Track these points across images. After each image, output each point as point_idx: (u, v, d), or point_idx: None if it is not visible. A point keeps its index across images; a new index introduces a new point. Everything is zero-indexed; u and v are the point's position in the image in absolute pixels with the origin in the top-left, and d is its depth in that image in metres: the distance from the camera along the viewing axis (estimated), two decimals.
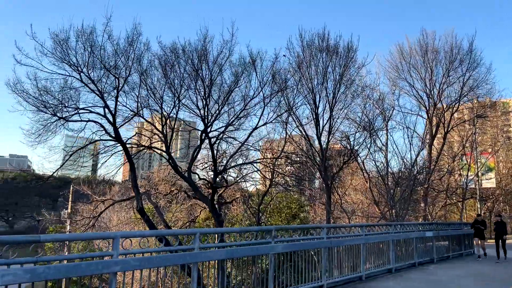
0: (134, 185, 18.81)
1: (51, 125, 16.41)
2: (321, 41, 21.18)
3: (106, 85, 17.00)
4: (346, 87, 21.35)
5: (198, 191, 20.53)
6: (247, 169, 22.54)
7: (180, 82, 18.25)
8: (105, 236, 4.83)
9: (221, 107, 19.01)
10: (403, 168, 21.24)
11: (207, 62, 17.61)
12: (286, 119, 20.17)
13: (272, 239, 7.22)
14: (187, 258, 5.46)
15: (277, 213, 26.27)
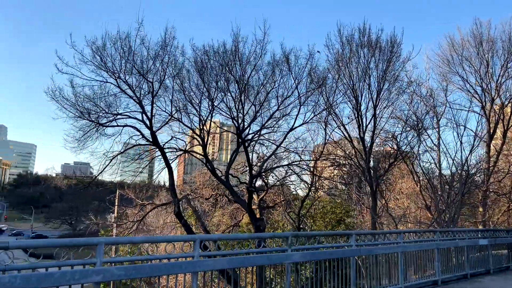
0: (172, 189, 18.84)
1: (91, 131, 16.85)
2: (361, 36, 20.07)
3: (141, 90, 17.18)
4: (390, 84, 20.02)
5: (235, 195, 20.18)
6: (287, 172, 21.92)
7: (215, 85, 18.04)
8: (88, 243, 4.45)
9: (259, 107, 18.53)
10: (455, 169, 19.45)
11: (240, 62, 17.19)
12: (325, 119, 19.25)
13: (289, 246, 6.53)
14: (183, 267, 4.96)
15: (320, 218, 25.26)
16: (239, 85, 17.75)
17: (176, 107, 18.69)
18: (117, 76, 16.78)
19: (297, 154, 18.91)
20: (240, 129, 17.72)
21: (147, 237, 7.19)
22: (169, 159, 20.49)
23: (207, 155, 19.74)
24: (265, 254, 6.07)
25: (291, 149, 19.08)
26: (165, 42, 16.85)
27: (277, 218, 27.92)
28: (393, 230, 14.05)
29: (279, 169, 21.90)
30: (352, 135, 20.78)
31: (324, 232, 11.72)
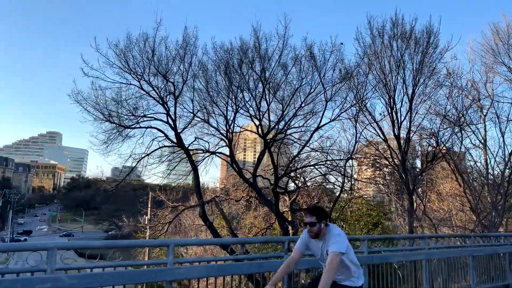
0: (197, 191, 18.59)
1: (115, 134, 16.96)
2: (394, 27, 18.81)
3: (165, 92, 17.08)
4: (426, 76, 18.60)
5: (263, 197, 19.60)
6: (314, 173, 21.06)
7: (239, 84, 17.58)
8: (38, 247, 4.06)
9: (285, 106, 17.86)
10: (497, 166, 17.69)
11: (262, 59, 16.61)
12: (356, 115, 18.19)
13: (285, 253, 5.85)
14: (157, 275, 4.45)
15: (355, 221, 24.05)
16: (263, 82, 17.19)
17: (200, 108, 18.49)
18: (140, 78, 16.80)
19: (326, 153, 17.99)
20: (263, 130, 17.12)
21: (110, 242, 6.74)
22: (196, 160, 20.42)
23: (234, 156, 19.35)
24: (255, 261, 5.44)
25: (318, 149, 18.19)
26: (186, 42, 16.64)
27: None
28: (414, 234, 12.85)
29: (315, 170, 21.08)
30: (385, 132, 19.53)
31: None
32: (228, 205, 27.76)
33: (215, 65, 17.44)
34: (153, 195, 25.65)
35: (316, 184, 22.87)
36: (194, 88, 18.20)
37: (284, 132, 18.55)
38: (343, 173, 18.94)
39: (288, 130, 18.04)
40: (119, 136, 16.50)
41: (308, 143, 17.70)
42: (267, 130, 18.41)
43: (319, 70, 16.11)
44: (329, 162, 18.17)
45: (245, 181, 19.93)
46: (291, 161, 18.76)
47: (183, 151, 18.43)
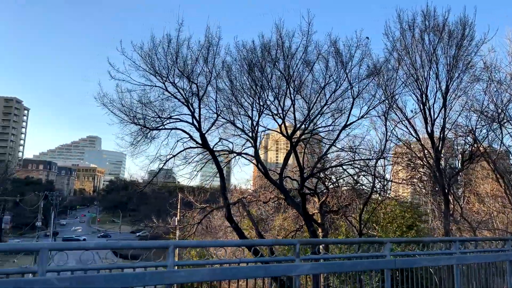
0: (223, 193, 18.47)
1: (141, 136, 17.12)
2: (425, 20, 17.94)
3: (189, 93, 17.09)
4: (461, 71, 17.59)
5: (289, 198, 19.18)
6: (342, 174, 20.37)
7: (263, 83, 17.29)
8: (30, 248, 3.94)
9: (312, 105, 17.38)
10: None
11: (284, 57, 16.23)
12: (385, 113, 17.44)
13: (296, 256, 5.48)
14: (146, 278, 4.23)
15: (387, 223, 23.10)
16: (287, 81, 16.80)
17: (225, 108, 18.37)
18: (164, 80, 16.88)
19: (354, 152, 17.34)
20: (287, 130, 16.73)
21: (102, 243, 6.59)
22: (222, 162, 20.31)
23: (259, 157, 19.07)
24: (262, 265, 5.12)
25: (347, 148, 17.57)
26: (209, 42, 16.55)
27: (342, 223, 26.26)
28: (444, 238, 12.01)
29: (345, 171, 20.42)
30: (417, 130, 18.63)
31: (347, 240, 10.27)
32: (257, 206, 27.52)
33: (239, 64, 17.23)
34: (182, 196, 25.84)
35: (347, 185, 22.18)
36: (218, 89, 18.12)
37: (310, 131, 18.10)
38: (374, 173, 18.22)
39: (314, 130, 17.53)
40: (144, 138, 16.63)
41: (335, 142, 17.12)
42: (293, 130, 18.01)
43: (344, 66, 15.53)
44: (357, 162, 17.49)
45: (271, 182, 19.60)
46: (317, 162, 18.24)
47: (208, 152, 18.36)
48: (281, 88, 16.77)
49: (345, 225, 23.83)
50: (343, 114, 16.64)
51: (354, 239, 13.11)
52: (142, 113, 16.55)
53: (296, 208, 19.09)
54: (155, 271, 4.44)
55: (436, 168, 17.70)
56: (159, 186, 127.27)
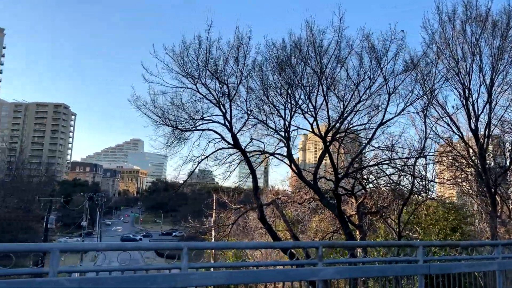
0: (255, 193, 18.32)
1: (176, 137, 17.33)
2: (466, 10, 16.93)
3: (219, 94, 17.10)
4: (507, 63, 16.44)
5: (324, 199, 18.70)
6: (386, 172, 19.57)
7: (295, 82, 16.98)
8: (42, 248, 3.93)
9: (346, 103, 16.86)
10: None
11: (316, 54, 15.84)
12: (424, 109, 16.61)
13: (319, 259, 5.20)
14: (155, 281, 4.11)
15: (429, 225, 22.03)
16: (320, 78, 16.38)
17: (257, 108, 18.23)
18: (196, 81, 16.99)
19: (390, 151, 16.63)
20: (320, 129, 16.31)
21: (100, 244, 6.48)
22: (254, 162, 20.16)
23: (292, 156, 18.75)
24: (282, 269, 4.87)
25: (383, 147, 16.86)
26: (239, 42, 16.47)
27: (381, 225, 25.36)
28: (485, 241, 11.14)
29: (385, 170, 19.69)
30: (460, 127, 17.60)
31: (376, 242, 9.70)
32: (292, 207, 27.18)
33: (269, 63, 17.02)
34: (217, 197, 25.97)
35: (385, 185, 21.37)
36: (249, 88, 18.01)
37: (344, 130, 17.56)
38: (412, 173, 17.39)
39: (349, 128, 16.99)
40: (177, 139, 16.82)
41: (371, 141, 16.49)
42: (327, 129, 17.57)
43: (379, 61, 14.91)
44: (395, 161, 16.76)
45: (305, 182, 19.24)
46: (352, 161, 17.68)
47: (240, 153, 18.29)
48: (313, 86, 16.38)
49: (383, 227, 22.99)
50: (379, 111, 15.99)
51: (383, 241, 12.52)
52: (174, 115, 16.76)
53: (331, 209, 18.61)
54: (167, 274, 4.33)
55: (481, 167, 16.65)
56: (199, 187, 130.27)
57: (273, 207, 22.94)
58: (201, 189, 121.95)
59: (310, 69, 16.60)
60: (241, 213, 22.05)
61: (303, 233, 29.64)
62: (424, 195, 20.83)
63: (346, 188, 21.52)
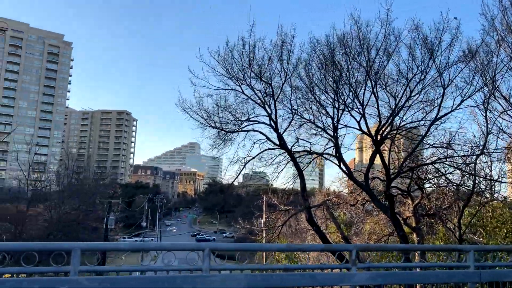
0: (303, 195, 17.94)
1: (222, 139, 17.48)
2: None
3: (264, 94, 16.98)
4: None
5: (376, 200, 17.86)
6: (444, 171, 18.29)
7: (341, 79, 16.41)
8: (63, 248, 4.00)
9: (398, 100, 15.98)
10: None
11: (363, 49, 15.17)
12: (484, 102, 15.28)
13: (352, 264, 4.83)
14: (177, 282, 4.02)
15: (495, 227, 20.25)
16: (368, 74, 15.67)
17: (304, 108, 17.89)
18: (240, 83, 17.02)
19: (446, 148, 15.47)
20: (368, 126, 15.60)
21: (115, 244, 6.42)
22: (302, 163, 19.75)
23: (342, 156, 18.14)
24: (308, 272, 4.57)
25: (439, 144, 15.72)
26: (283, 41, 16.25)
27: (440, 228, 23.79)
28: None
29: (442, 169, 18.47)
30: None
31: (418, 246, 8.86)
32: (346, 209, 26.40)
33: (315, 61, 16.60)
34: (267, 198, 25.90)
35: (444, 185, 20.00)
36: (296, 87, 17.71)
37: (396, 128, 16.66)
38: (474, 171, 16.07)
39: (401, 125, 16.09)
40: (222, 141, 16.94)
41: (424, 138, 15.47)
42: (377, 127, 16.78)
43: (431, 52, 13.93)
44: (452, 159, 15.58)
45: (356, 183, 18.56)
46: (404, 160, 16.71)
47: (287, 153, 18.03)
48: (361, 82, 15.72)
49: (443, 230, 21.52)
50: (432, 106, 14.95)
51: (428, 245, 11.55)
52: (219, 117, 16.90)
53: (383, 211, 17.74)
54: (187, 275, 4.22)
55: None
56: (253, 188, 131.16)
57: (323, 209, 22.40)
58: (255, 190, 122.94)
59: (358, 64, 15.96)
60: (290, 215, 21.74)
61: (357, 236, 28.70)
62: (488, 196, 19.22)
63: (401, 189, 20.46)
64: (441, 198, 20.66)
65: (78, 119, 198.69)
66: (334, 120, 17.24)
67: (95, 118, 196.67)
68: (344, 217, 28.78)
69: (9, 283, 3.59)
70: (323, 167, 22.88)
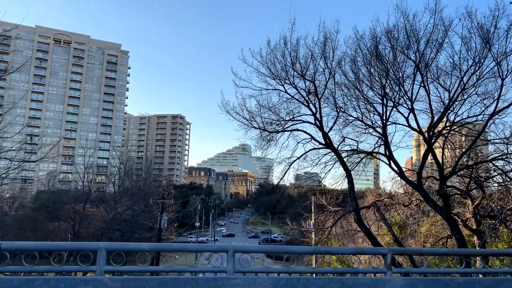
0: (351, 195, 17.34)
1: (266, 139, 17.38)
2: None
3: (307, 93, 16.66)
4: None
5: (430, 201, 16.85)
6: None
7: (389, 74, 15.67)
8: (87, 248, 4.08)
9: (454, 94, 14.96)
10: None
11: (410, 41, 14.37)
12: None
13: (387, 268, 4.50)
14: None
15: None
16: (418, 67, 14.82)
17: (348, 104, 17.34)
18: (283, 82, 16.84)
19: (507, 144, 14.22)
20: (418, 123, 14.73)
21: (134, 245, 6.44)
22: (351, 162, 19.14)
23: (392, 155, 17.34)
24: (337, 277, 4.29)
25: (497, 140, 14.49)
26: (325, 37, 15.84)
27: (504, 230, 21.98)
28: None
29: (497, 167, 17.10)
30: None
31: (457, 250, 8.02)
32: (400, 210, 25.27)
33: (360, 56, 16.01)
34: (315, 199, 25.40)
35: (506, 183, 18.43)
36: (343, 84, 17.22)
37: (450, 124, 15.63)
38: None
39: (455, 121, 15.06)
40: (266, 141, 16.85)
41: (481, 134, 14.35)
42: (430, 124, 15.83)
43: (486, 41, 12.86)
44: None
45: (408, 183, 17.68)
46: (459, 158, 15.61)
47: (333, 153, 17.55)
48: (410, 76, 14.92)
49: (507, 233, 19.87)
50: (491, 98, 13.81)
51: (479, 250, 10.48)
52: (262, 117, 16.82)
53: (438, 212, 16.72)
54: (210, 277, 4.15)
55: None
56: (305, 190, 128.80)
57: (374, 210, 21.58)
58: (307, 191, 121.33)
59: (406, 58, 15.16)
60: (339, 217, 21.17)
61: (413, 238, 27.37)
62: None
63: (459, 188, 19.19)
64: (505, 198, 19.06)
65: (136, 124, 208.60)
66: (383, 117, 16.53)
67: (151, 122, 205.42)
68: (397, 218, 27.55)
69: (38, 281, 3.74)
70: (378, 166, 21.96)
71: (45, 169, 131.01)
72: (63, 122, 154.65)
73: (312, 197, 26.74)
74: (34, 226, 38.93)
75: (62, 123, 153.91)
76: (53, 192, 55.48)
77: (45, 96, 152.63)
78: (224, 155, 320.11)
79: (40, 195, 74.45)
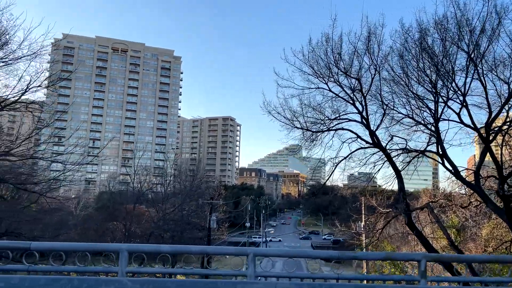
0: (401, 196, 16.51)
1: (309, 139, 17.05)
2: None
3: (351, 90, 16.12)
4: None
5: (489, 202, 15.61)
6: None
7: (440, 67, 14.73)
8: (110, 249, 4.14)
9: None
10: None
11: (461, 31, 13.41)
12: None
13: (421, 276, 4.13)
14: None
15: None
16: (472, 59, 13.79)
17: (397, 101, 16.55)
18: (327, 80, 16.43)
19: None
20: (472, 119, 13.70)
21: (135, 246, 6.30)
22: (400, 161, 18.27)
23: (445, 153, 16.30)
24: (361, 284, 3.99)
25: None
26: (369, 32, 15.24)
27: None
28: None
29: None
30: None
31: (495, 257, 7.09)
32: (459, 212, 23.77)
33: (407, 50, 15.21)
34: (365, 201, 24.60)
35: None
36: (391, 80, 16.47)
37: (510, 119, 14.39)
38: None
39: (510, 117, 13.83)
40: (309, 141, 16.52)
41: None
42: (488, 120, 14.67)
43: None
44: None
45: (464, 183, 16.58)
46: None
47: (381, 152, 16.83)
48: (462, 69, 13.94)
49: None
50: None
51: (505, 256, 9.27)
52: (305, 116, 16.48)
53: (498, 214, 15.46)
54: (228, 281, 4.06)
55: None
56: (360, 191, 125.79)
57: (427, 211, 20.42)
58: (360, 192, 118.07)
59: (458, 49, 14.17)
60: (390, 218, 20.27)
61: (474, 241, 25.66)
62: None
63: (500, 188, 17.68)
64: None
65: (189, 127, 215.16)
66: (434, 114, 15.59)
67: (203, 125, 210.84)
68: (455, 221, 25.92)
69: (62, 281, 3.86)
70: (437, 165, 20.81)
71: (106, 171, 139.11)
72: (122, 126, 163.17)
73: (362, 198, 25.86)
74: (95, 226, 41.31)
75: (121, 128, 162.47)
76: (113, 193, 58.67)
77: (105, 102, 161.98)
78: (274, 155, 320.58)
79: (101, 195, 79.16)
